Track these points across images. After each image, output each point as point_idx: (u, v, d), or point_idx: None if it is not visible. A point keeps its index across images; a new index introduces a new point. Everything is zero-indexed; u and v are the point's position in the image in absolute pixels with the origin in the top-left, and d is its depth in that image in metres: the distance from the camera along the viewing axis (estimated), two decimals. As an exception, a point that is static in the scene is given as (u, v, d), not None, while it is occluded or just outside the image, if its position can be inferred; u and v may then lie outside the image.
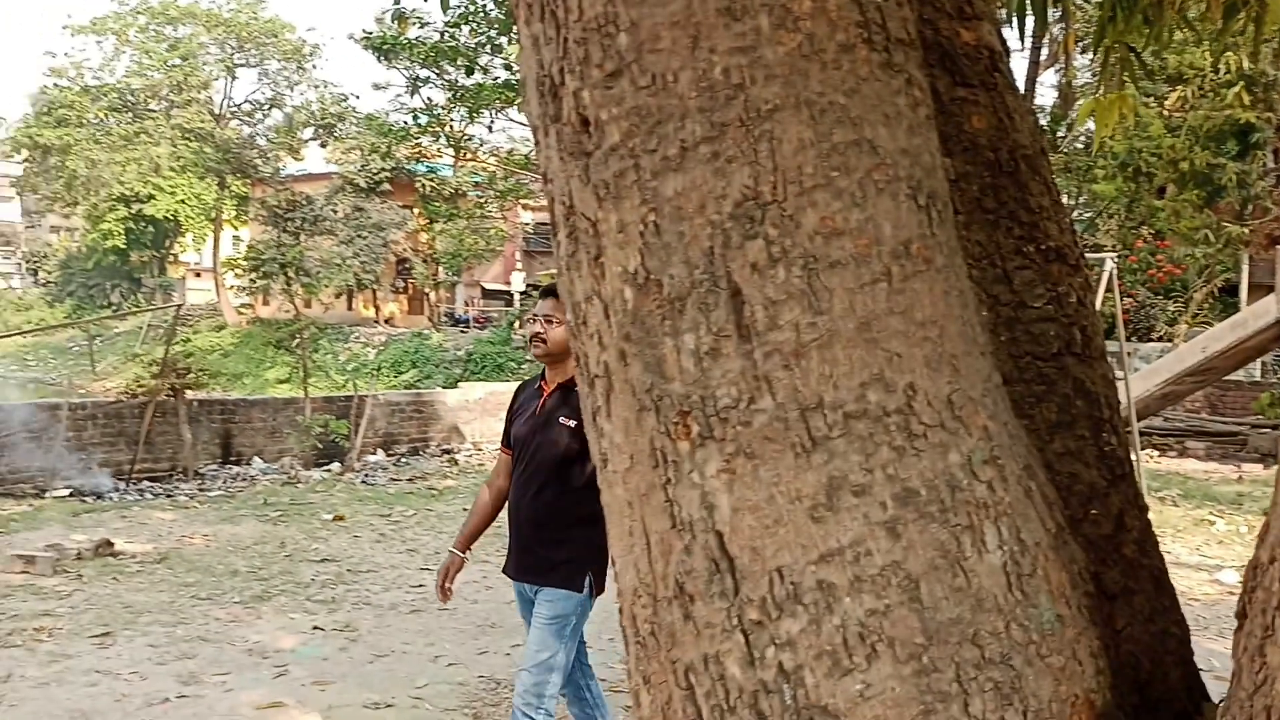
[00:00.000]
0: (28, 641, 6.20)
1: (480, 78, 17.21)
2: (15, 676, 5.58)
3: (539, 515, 3.81)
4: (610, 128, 1.02)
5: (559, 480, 3.77)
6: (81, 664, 5.82)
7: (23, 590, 7.39)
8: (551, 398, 3.87)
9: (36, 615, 6.75)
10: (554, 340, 3.79)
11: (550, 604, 3.75)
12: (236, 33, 40.65)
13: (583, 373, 1.15)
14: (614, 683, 5.61)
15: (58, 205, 49.62)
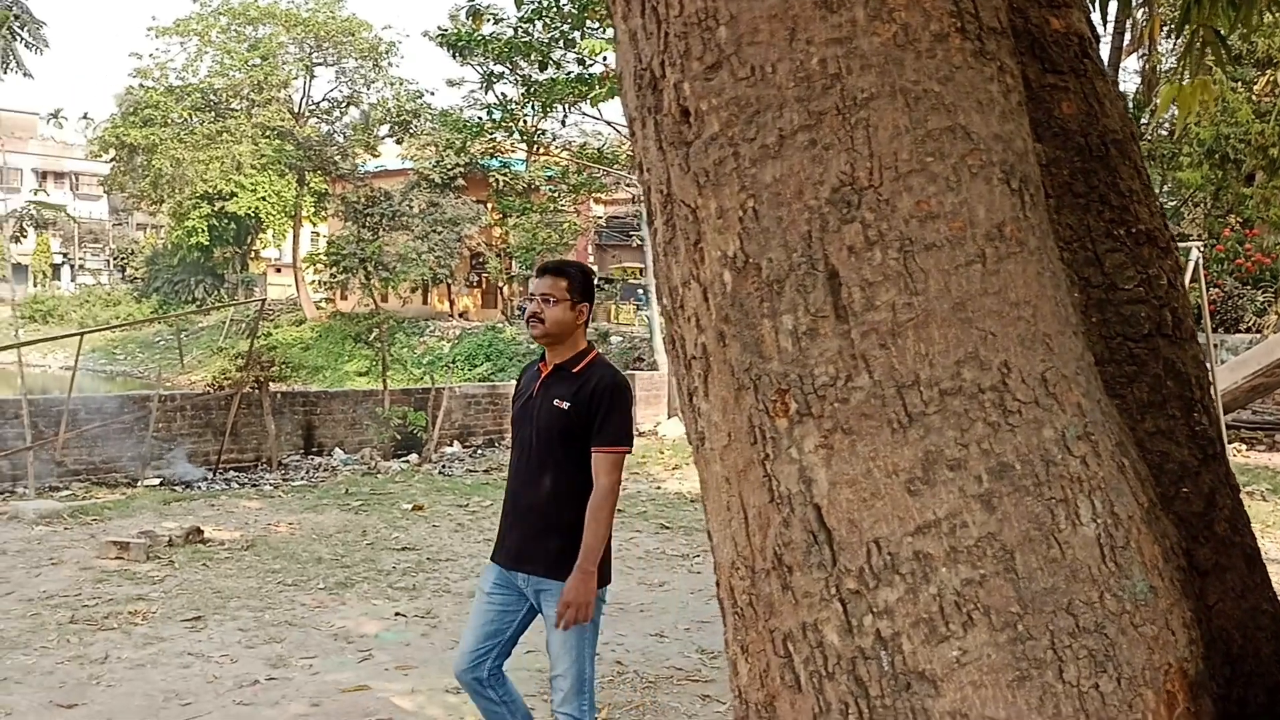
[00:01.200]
0: (123, 624, 6.41)
1: (553, 72, 17.31)
2: (112, 658, 5.78)
3: (536, 502, 3.65)
4: (710, 118, 1.06)
5: (555, 465, 3.62)
6: (175, 646, 6.01)
7: (118, 575, 7.64)
8: (548, 379, 3.70)
9: (131, 599, 6.97)
10: (552, 320, 3.64)
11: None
12: (315, 32, 41.34)
13: (678, 355, 1.19)
14: (690, 671, 5.65)
15: (144, 203, 51.01)
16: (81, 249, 70.55)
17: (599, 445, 3.55)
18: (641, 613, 6.82)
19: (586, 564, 3.50)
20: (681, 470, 13.15)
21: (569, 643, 3.63)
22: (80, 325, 48.38)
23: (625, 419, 3.63)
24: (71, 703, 5.09)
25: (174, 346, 44.66)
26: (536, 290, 3.67)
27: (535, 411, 3.68)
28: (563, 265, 3.79)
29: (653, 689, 5.40)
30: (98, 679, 5.44)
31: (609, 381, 3.62)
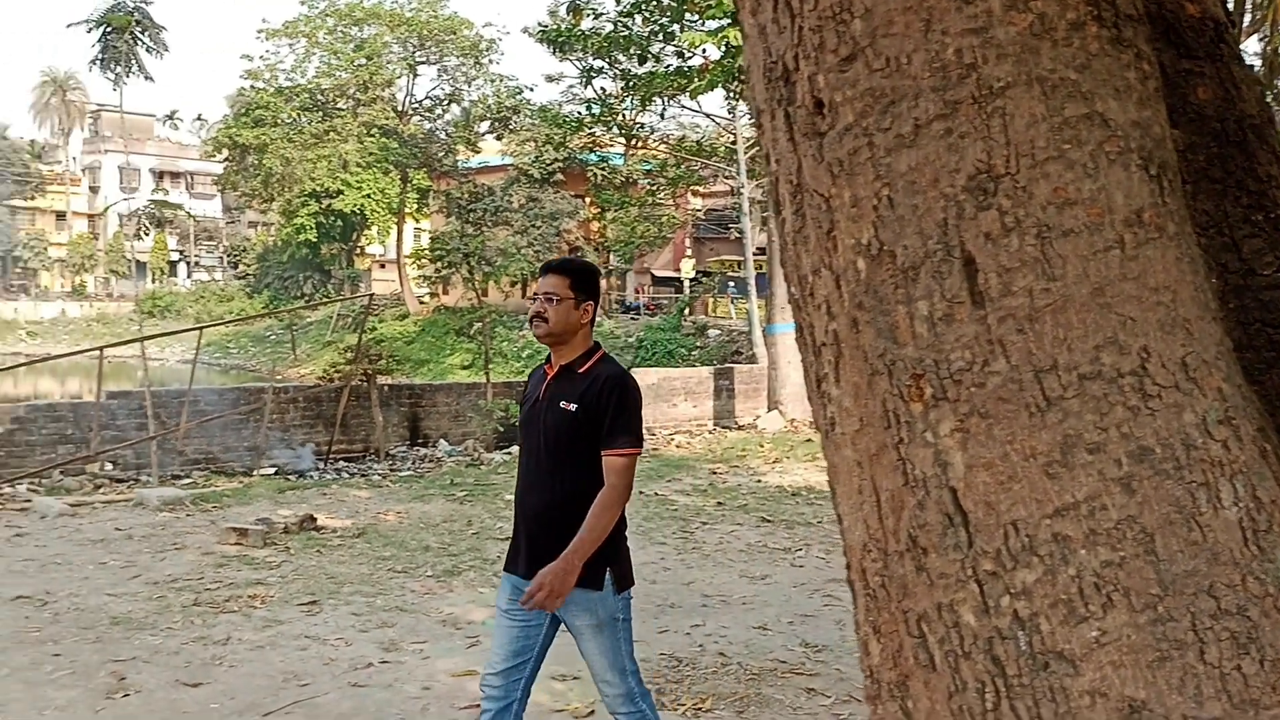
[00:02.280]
0: (243, 607, 6.66)
1: (652, 66, 17.36)
2: (234, 639, 6.01)
3: (546, 507, 3.52)
4: (844, 109, 1.08)
5: (565, 469, 3.50)
6: (292, 629, 6.22)
7: (237, 560, 7.93)
8: (554, 381, 3.59)
9: (250, 584, 7.23)
10: (556, 319, 3.52)
11: (586, 613, 3.47)
12: (418, 31, 42.09)
13: (806, 342, 1.21)
14: (794, 664, 5.65)
15: (255, 201, 52.58)
16: (197, 246, 73.10)
17: (608, 448, 3.43)
18: (744, 605, 6.84)
19: (574, 555, 3.33)
20: (782, 464, 13.10)
21: (604, 646, 3.51)
22: (195, 320, 50.15)
23: (634, 419, 3.50)
24: (197, 681, 5.31)
25: (284, 341, 46.00)
26: (540, 289, 3.57)
27: (542, 414, 3.57)
28: (566, 263, 3.72)
29: (756, 681, 5.41)
30: (220, 659, 5.66)
31: (616, 381, 3.50)
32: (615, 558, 3.50)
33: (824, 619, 6.52)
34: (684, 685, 5.34)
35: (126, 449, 12.25)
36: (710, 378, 17.83)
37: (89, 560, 7.85)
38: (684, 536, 8.94)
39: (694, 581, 7.43)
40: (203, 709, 4.96)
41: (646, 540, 8.77)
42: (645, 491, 11.15)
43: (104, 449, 12.04)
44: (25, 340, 56.39)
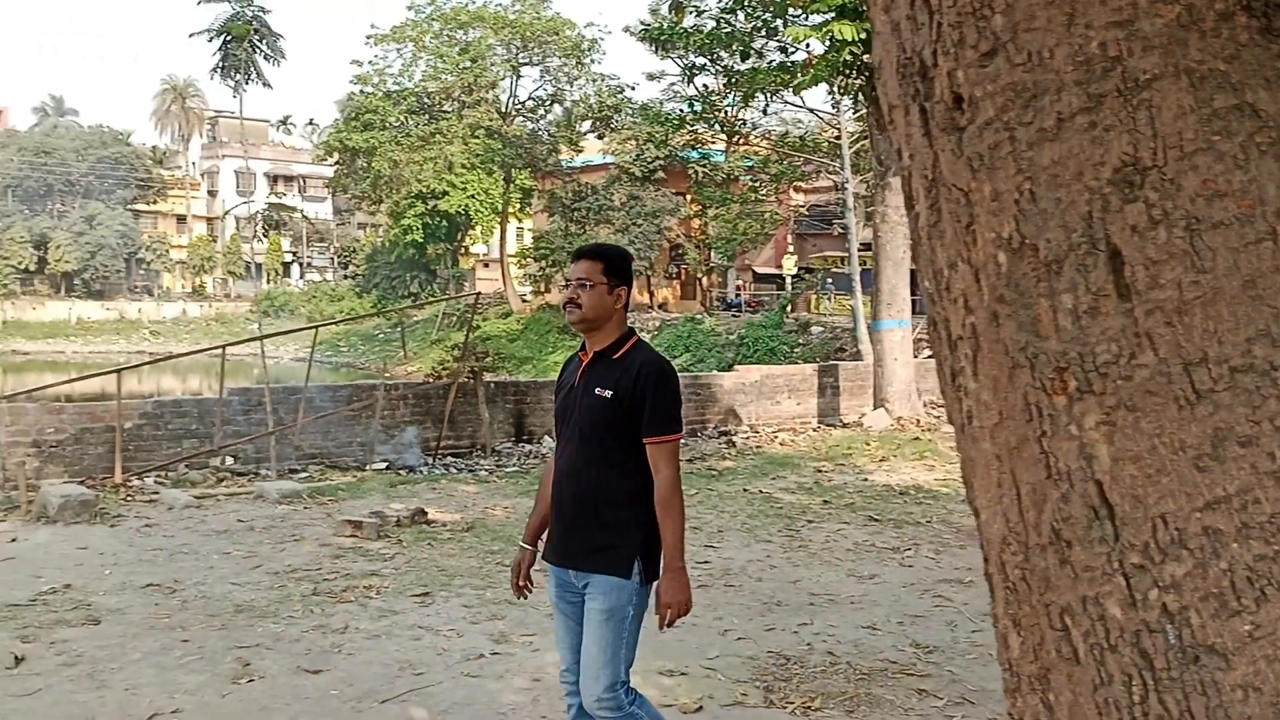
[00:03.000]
0: (359, 598, 6.84)
1: (755, 62, 17.29)
2: (351, 628, 6.18)
3: (580, 494, 3.50)
4: (985, 104, 1.08)
5: (599, 456, 3.48)
6: (406, 620, 6.37)
7: (352, 552, 8.15)
8: (589, 368, 3.56)
9: (365, 575, 7.42)
10: (589, 305, 3.49)
11: (603, 596, 3.44)
12: (521, 33, 42.62)
13: (941, 336, 1.22)
14: (904, 665, 5.59)
15: (364, 203, 54.01)
16: (309, 248, 75.22)
17: (650, 435, 3.42)
18: (852, 605, 6.79)
19: (675, 561, 3.40)
20: (889, 462, 12.94)
21: (607, 638, 3.44)
22: (308, 319, 51.62)
23: (674, 404, 3.50)
24: (317, 668, 5.48)
25: (392, 339, 47.06)
26: (573, 275, 3.55)
27: (577, 402, 3.55)
28: (599, 248, 3.66)
29: (866, 681, 5.37)
30: (339, 647, 5.83)
31: (652, 367, 3.48)
32: (645, 548, 3.46)
33: (935, 620, 6.43)
34: (792, 683, 5.33)
35: (247, 444, 12.68)
36: (814, 375, 17.69)
37: (214, 550, 8.15)
38: (789, 534, 8.90)
39: (800, 580, 7.40)
40: (323, 695, 5.12)
41: (751, 538, 8.76)
42: (750, 489, 11.13)
43: (226, 444, 12.48)
44: (149, 339, 58.79)
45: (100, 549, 8.16)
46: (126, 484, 11.12)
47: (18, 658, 5.52)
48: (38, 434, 11.35)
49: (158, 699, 5.02)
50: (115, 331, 60.12)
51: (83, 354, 55.09)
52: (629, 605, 3.43)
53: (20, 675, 5.30)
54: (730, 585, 7.25)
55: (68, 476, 11.18)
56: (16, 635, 5.92)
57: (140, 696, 5.05)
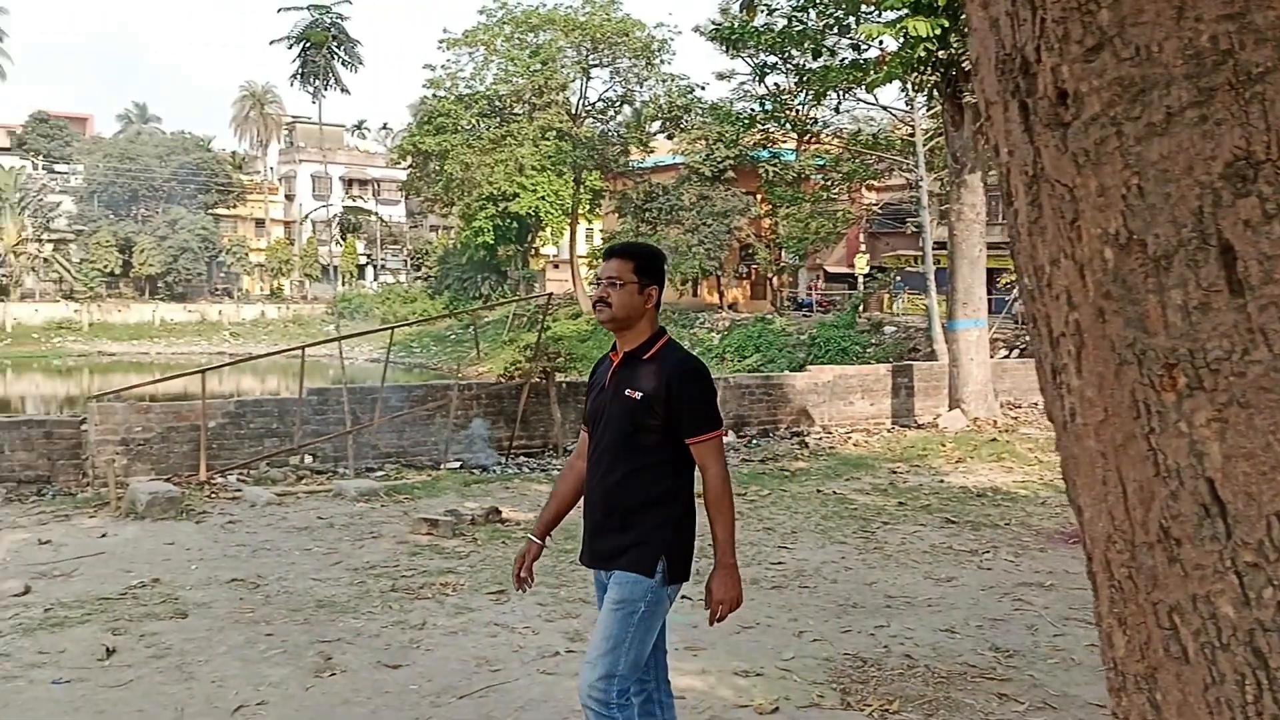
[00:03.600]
0: (436, 594, 6.93)
1: (827, 60, 17.18)
2: (429, 625, 6.27)
3: (608, 495, 3.48)
4: (1090, 99, 1.07)
5: (627, 457, 3.45)
6: (482, 617, 6.44)
7: (429, 550, 8.26)
8: (619, 369, 3.53)
9: (442, 572, 7.51)
10: (619, 304, 3.45)
11: (617, 588, 3.41)
12: (591, 34, 42.84)
13: (1042, 333, 1.21)
14: (984, 669, 5.52)
15: (436, 206, 54.66)
16: (383, 250, 76.39)
17: (692, 435, 3.40)
18: (929, 608, 6.71)
19: (726, 558, 3.44)
20: (966, 464, 12.76)
21: (612, 628, 3.39)
22: (382, 321, 52.47)
23: (709, 401, 3.48)
24: (396, 663, 5.57)
25: (463, 340, 47.61)
26: (604, 274, 3.51)
27: (607, 403, 3.52)
28: (630, 247, 3.64)
29: (945, 685, 5.31)
30: (418, 643, 5.92)
31: (684, 367, 3.45)
32: (672, 546, 3.43)
33: (1015, 624, 6.34)
34: (869, 686, 5.28)
35: (325, 443, 12.92)
36: (888, 375, 17.52)
37: (295, 546, 8.32)
38: (864, 536, 8.83)
39: (876, 582, 7.34)
40: (403, 689, 5.20)
41: (825, 539, 8.70)
42: (823, 490, 11.06)
43: (305, 442, 12.74)
44: (229, 340, 60.18)
45: (186, 544, 8.38)
46: (210, 481, 11.41)
47: (109, 650, 5.69)
48: (126, 433, 11.69)
49: (243, 691, 5.15)
50: (197, 333, 61.64)
51: (166, 355, 56.57)
52: (641, 601, 3.38)
53: (112, 667, 5.47)
54: (804, 586, 7.22)
55: (154, 474, 11.50)
56: (108, 628, 6.10)
57: (227, 689, 5.18)
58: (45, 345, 56.78)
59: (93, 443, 11.49)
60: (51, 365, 52.16)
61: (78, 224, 65.33)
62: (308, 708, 4.94)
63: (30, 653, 5.67)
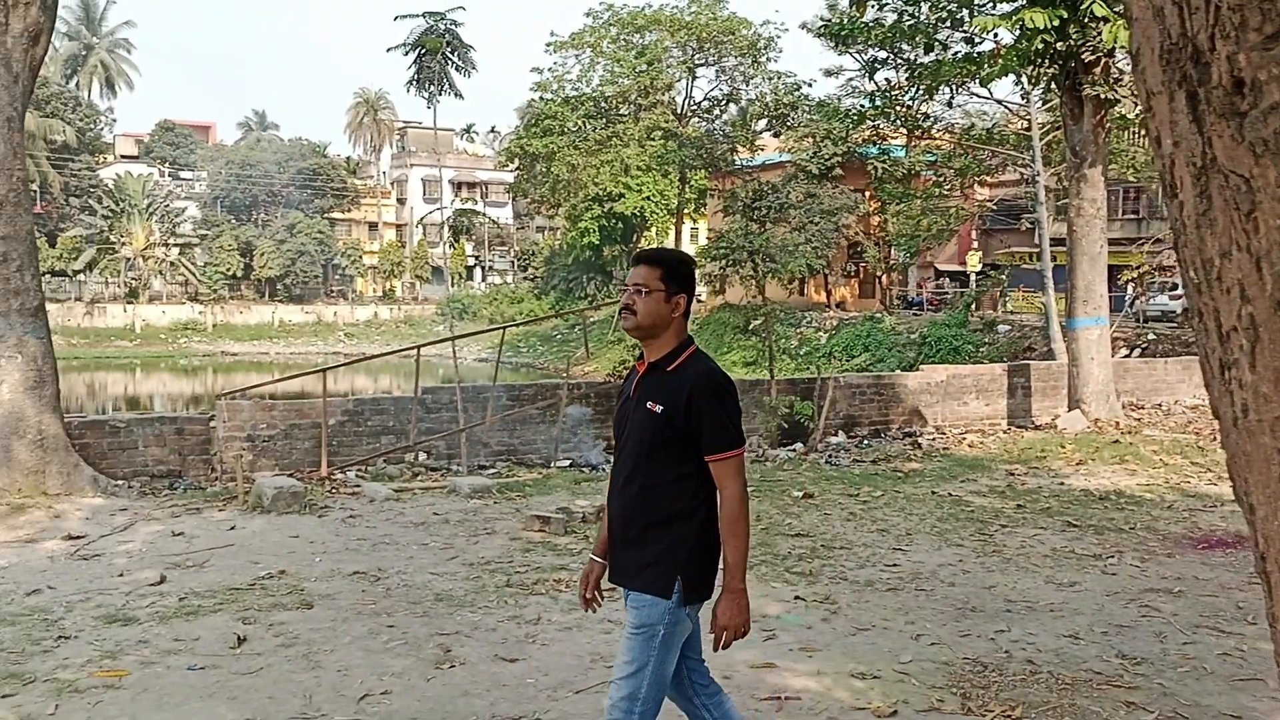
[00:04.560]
0: (550, 590, 7.01)
1: (939, 54, 16.85)
2: (544, 620, 6.34)
3: (627, 510, 3.40)
4: (1270, 87, 1.04)
5: (646, 471, 3.34)
6: (596, 614, 6.48)
7: (541, 546, 8.36)
8: (643, 380, 3.43)
9: (555, 569, 7.60)
10: (644, 311, 3.36)
11: (636, 610, 3.34)
12: (697, 34, 42.82)
13: (1209, 328, 1.17)
14: (1110, 676, 5.36)
15: (543, 207, 55.36)
16: (490, 252, 77.58)
17: (712, 452, 3.27)
18: (1051, 613, 6.54)
19: (735, 582, 3.28)
20: (1086, 466, 12.39)
21: (634, 651, 3.32)
22: (489, 321, 53.33)
23: (731, 417, 3.31)
24: (513, 657, 5.66)
25: (569, 339, 48.09)
26: (630, 280, 3.41)
27: (630, 414, 3.43)
28: (658, 253, 3.52)
29: (1070, 691, 5.17)
30: (533, 638, 6.00)
31: (706, 380, 3.30)
32: (689, 566, 3.33)
33: (1142, 630, 6.14)
34: (991, 691, 5.18)
35: (439, 440, 13.17)
36: (1003, 375, 17.12)
37: (412, 541, 8.51)
38: (982, 539, 8.65)
39: (995, 586, 7.18)
40: (520, 683, 5.27)
41: (941, 541, 8.55)
42: (938, 491, 10.86)
43: (420, 440, 13.01)
44: (343, 340, 61.87)
45: (310, 538, 8.64)
46: (330, 477, 11.74)
47: (240, 638, 5.90)
48: (251, 429, 12.10)
49: (368, 680, 5.29)
50: (313, 333, 63.49)
51: (284, 354, 58.42)
52: (660, 624, 3.31)
53: (244, 655, 5.67)
54: (921, 589, 7.10)
55: (278, 469, 11.88)
56: (239, 617, 6.33)
57: (352, 678, 5.32)
58: (172, 345, 59.13)
59: (220, 439, 11.92)
60: (178, 364, 54.30)
61: (202, 229, 67.90)
62: (429, 698, 5.05)
63: (167, 640, 5.91)
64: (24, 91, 10.02)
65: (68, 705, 4.93)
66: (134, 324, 60.32)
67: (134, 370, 52.11)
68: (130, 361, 54.33)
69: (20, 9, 9.80)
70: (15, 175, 9.84)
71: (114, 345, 57.34)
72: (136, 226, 62.20)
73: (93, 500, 9.84)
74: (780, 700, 5.09)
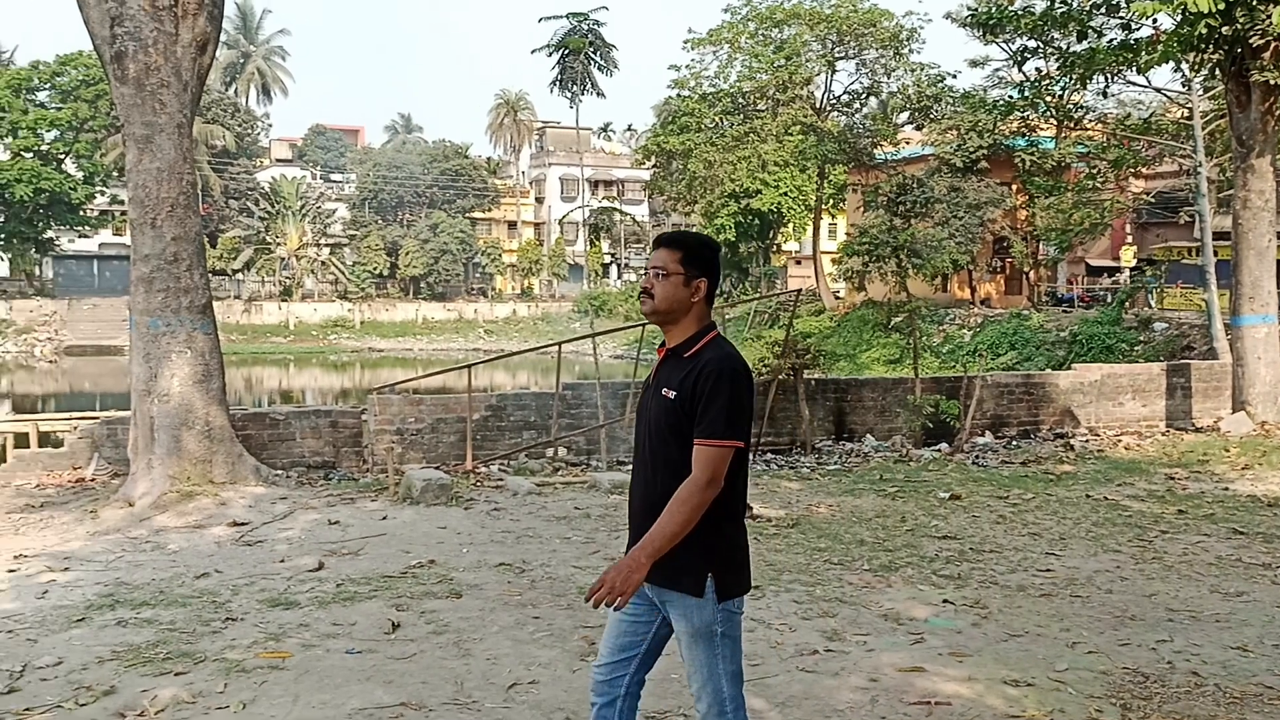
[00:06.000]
0: (692, 586, 7.02)
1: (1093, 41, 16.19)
2: (686, 615, 6.35)
3: (648, 502, 3.27)
4: None
5: (665, 462, 3.23)
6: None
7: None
8: (660, 366, 3.33)
9: (697, 565, 7.60)
10: (662, 296, 3.28)
11: (684, 619, 3.22)
12: (837, 27, 42.20)
13: None
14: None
15: (679, 205, 55.34)
16: (627, 249, 78.13)
17: (698, 436, 3.13)
18: (1217, 623, 6.23)
19: (641, 553, 3.09)
20: (1253, 470, 11.76)
21: (699, 659, 3.23)
22: (625, 319, 53.71)
23: (731, 407, 3.12)
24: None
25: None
26: (650, 263, 3.33)
27: (647, 403, 3.35)
28: (678, 236, 3.40)
29: (1238, 706, 4.92)
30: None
31: (715, 365, 3.16)
32: (719, 561, 3.21)
33: (1319, 646, 5.79)
34: (1153, 703, 4.97)
35: (579, 435, 13.33)
36: (1161, 374, 16.38)
37: (555, 535, 8.63)
38: (1141, 545, 8.29)
39: (1156, 594, 6.88)
40: (664, 678, 5.28)
41: (1098, 547, 8.24)
42: (1093, 495, 10.47)
43: (561, 435, 13.19)
44: (483, 337, 63.26)
45: (457, 529, 8.85)
46: (475, 470, 12.00)
47: (394, 625, 6.09)
48: (400, 423, 12.48)
49: (516, 669, 5.38)
50: (454, 330, 65.08)
51: (427, 351, 60.06)
52: (714, 623, 3.22)
53: (397, 641, 5.84)
54: (1076, 596, 6.86)
55: (425, 462, 12.21)
56: (392, 604, 6.53)
57: (500, 666, 5.43)
58: (322, 341, 61.44)
59: (372, 432, 12.33)
60: (328, 360, 56.38)
61: (351, 229, 70.32)
62: (576, 689, 5.11)
63: (326, 624, 6.14)
64: (192, 99, 10.54)
65: (236, 684, 5.17)
66: (287, 321, 62.88)
67: (287, 365, 54.35)
68: (284, 357, 56.70)
69: (189, 19, 10.30)
70: (185, 179, 10.36)
71: (269, 341, 59.93)
72: (290, 227, 64.83)
73: (255, 489, 10.28)
74: (930, 705, 4.98)
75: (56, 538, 8.62)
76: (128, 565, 7.66)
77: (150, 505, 9.54)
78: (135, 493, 9.85)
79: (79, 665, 5.44)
